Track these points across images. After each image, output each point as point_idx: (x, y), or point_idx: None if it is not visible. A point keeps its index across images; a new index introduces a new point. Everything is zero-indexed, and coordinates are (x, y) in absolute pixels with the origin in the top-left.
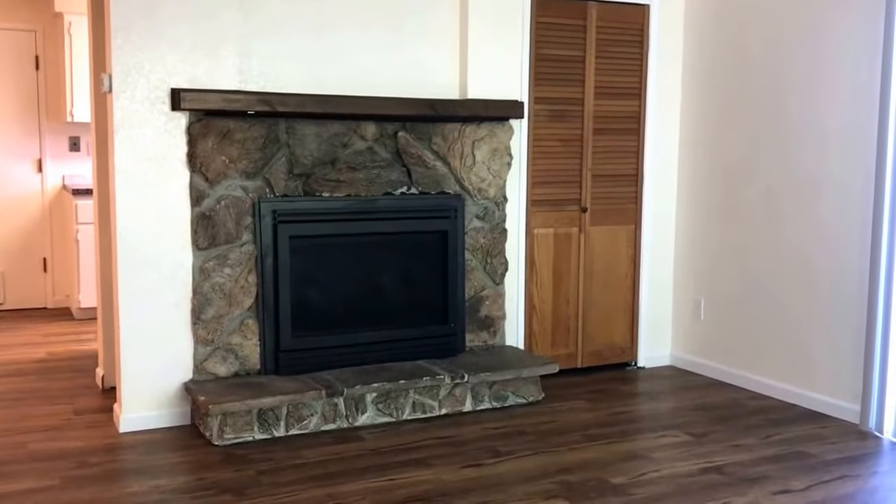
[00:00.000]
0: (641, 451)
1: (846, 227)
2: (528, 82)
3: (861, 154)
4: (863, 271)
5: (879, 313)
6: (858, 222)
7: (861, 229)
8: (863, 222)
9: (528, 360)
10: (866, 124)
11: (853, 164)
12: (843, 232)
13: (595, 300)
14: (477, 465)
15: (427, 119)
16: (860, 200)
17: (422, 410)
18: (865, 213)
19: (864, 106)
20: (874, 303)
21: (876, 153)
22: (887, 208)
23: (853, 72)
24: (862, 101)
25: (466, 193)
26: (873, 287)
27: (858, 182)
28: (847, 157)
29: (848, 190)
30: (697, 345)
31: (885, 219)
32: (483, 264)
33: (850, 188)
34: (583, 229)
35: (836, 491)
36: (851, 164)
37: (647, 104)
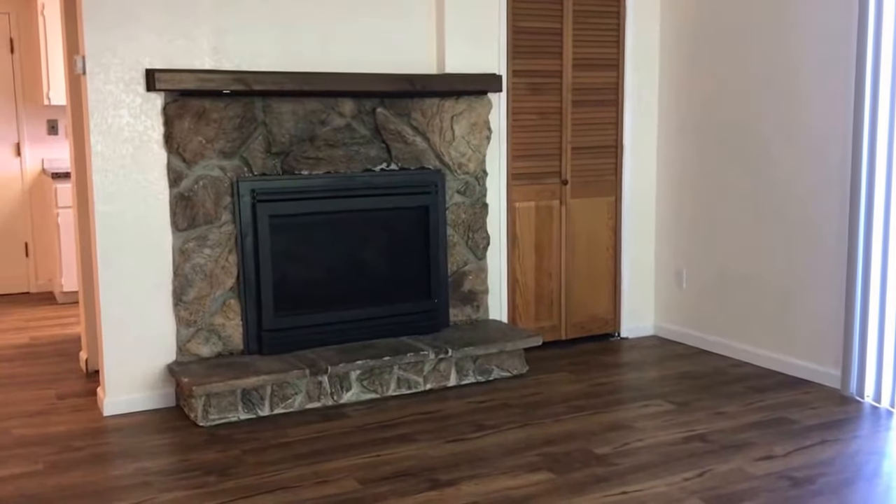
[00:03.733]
0: (625, 420)
1: (825, 196)
2: (506, 55)
3: (839, 118)
4: (842, 238)
5: (858, 279)
6: (837, 190)
7: (840, 197)
8: (841, 189)
9: (512, 333)
10: (844, 85)
11: (831, 129)
12: (822, 200)
13: (577, 272)
14: (461, 439)
15: (405, 94)
16: (839, 167)
17: (406, 386)
18: (844, 180)
19: (841, 67)
20: (853, 269)
21: (853, 116)
22: (864, 176)
23: (829, 35)
24: (838, 65)
25: (447, 168)
26: (852, 253)
27: (836, 148)
28: (825, 122)
29: (826, 156)
30: (680, 314)
31: (862, 185)
32: (465, 239)
33: (829, 154)
34: (564, 202)
35: (818, 456)
36: (830, 130)
37: (625, 75)
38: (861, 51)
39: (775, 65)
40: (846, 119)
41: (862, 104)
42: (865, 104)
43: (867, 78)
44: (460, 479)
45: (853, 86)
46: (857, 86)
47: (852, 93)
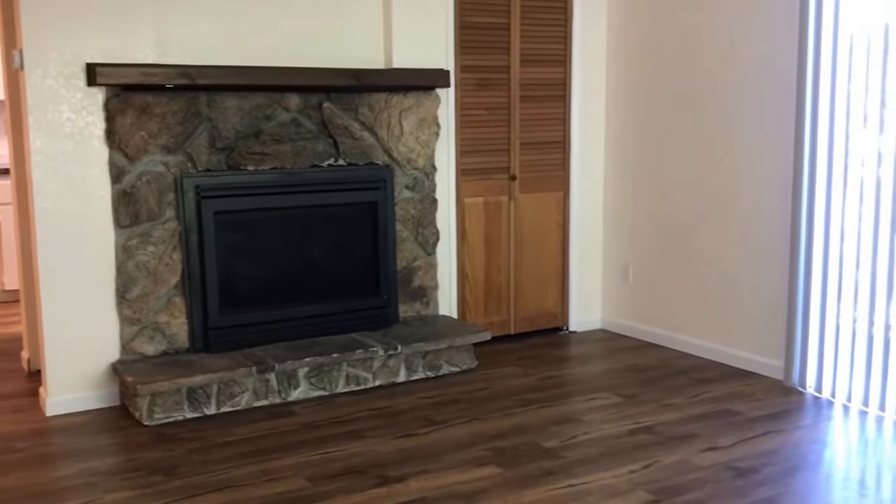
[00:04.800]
0: (573, 414)
1: (768, 190)
2: (454, 51)
3: (782, 117)
4: (784, 233)
5: (800, 273)
6: (780, 185)
7: (782, 192)
8: (784, 185)
9: (461, 328)
10: (787, 84)
11: (775, 127)
12: (765, 195)
13: (526, 267)
14: (411, 435)
15: (352, 89)
16: (782, 164)
17: (355, 383)
18: (786, 176)
19: (784, 67)
20: (795, 263)
21: (795, 115)
22: (806, 172)
23: (773, 33)
24: (782, 64)
25: (395, 164)
26: (794, 248)
27: (780, 145)
28: (769, 120)
29: (770, 153)
30: (627, 308)
31: (804, 181)
32: (414, 235)
33: (772, 152)
34: (512, 197)
35: (762, 446)
36: (773, 128)
37: (572, 71)
38: (802, 51)
39: (721, 62)
40: (789, 118)
41: (803, 103)
42: (807, 103)
43: (808, 77)
44: (409, 475)
45: (795, 85)
46: (799, 85)
47: (794, 91)
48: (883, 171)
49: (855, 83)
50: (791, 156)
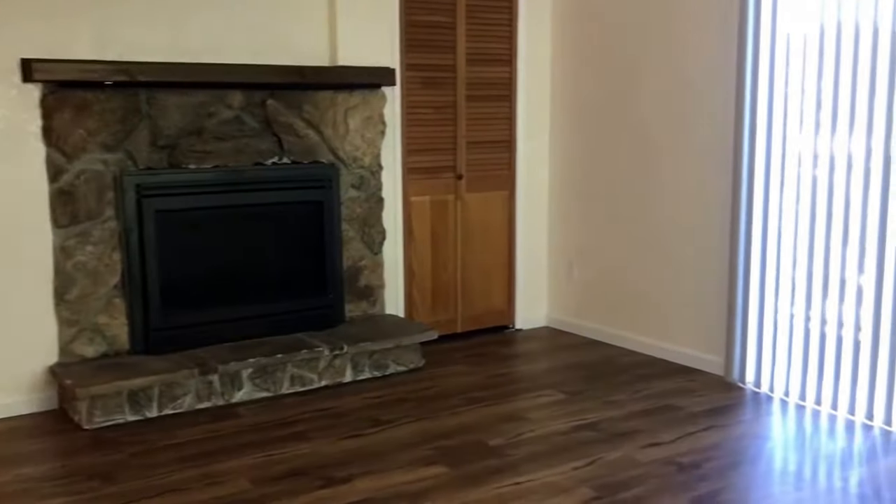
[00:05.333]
0: (519, 411)
1: (709, 190)
2: (400, 49)
3: (722, 115)
4: (724, 232)
5: (740, 269)
6: (720, 185)
7: (722, 192)
8: (724, 184)
9: (408, 327)
10: (726, 85)
11: (715, 124)
12: (705, 194)
13: (473, 266)
14: (356, 435)
15: (296, 87)
16: (721, 164)
17: (301, 384)
18: (726, 176)
19: (725, 69)
20: (735, 259)
21: (734, 117)
22: (745, 174)
23: (714, 35)
24: (723, 66)
25: (341, 162)
26: (734, 244)
27: (719, 146)
28: (709, 120)
29: (710, 154)
30: (571, 305)
31: (742, 182)
32: (360, 234)
33: (712, 152)
34: (459, 196)
35: (703, 441)
36: (713, 125)
37: (518, 70)
38: (741, 54)
39: (662, 63)
40: (728, 119)
41: (742, 105)
42: (746, 105)
43: (747, 80)
44: (354, 476)
45: (734, 87)
46: (738, 87)
47: (733, 94)
48: (819, 171)
49: (792, 86)
50: (731, 156)
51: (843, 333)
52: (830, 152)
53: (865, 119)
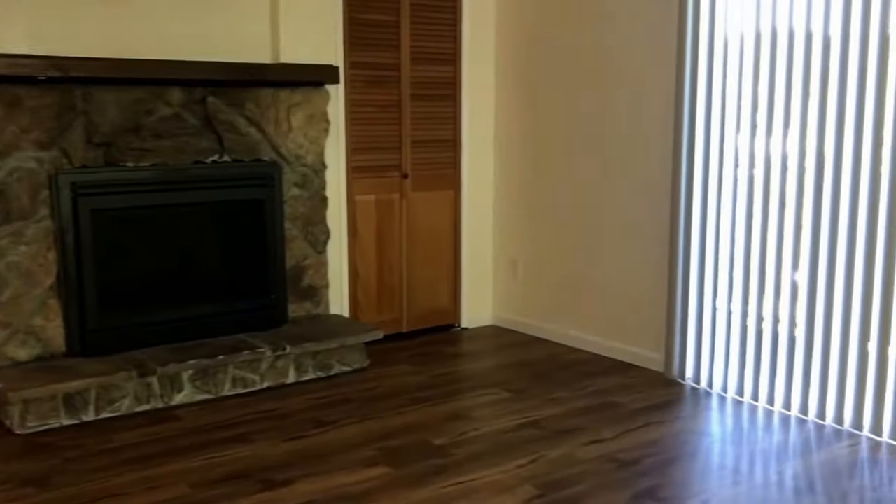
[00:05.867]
0: (463, 410)
1: (649, 189)
2: (343, 47)
3: (661, 116)
4: (663, 231)
5: (679, 267)
6: (660, 182)
7: (662, 191)
8: (663, 184)
9: (353, 327)
10: (667, 88)
11: (654, 125)
12: (647, 195)
13: (418, 265)
14: (299, 437)
15: (237, 84)
16: (661, 167)
17: (242, 385)
18: (665, 175)
19: (663, 69)
20: (675, 258)
21: (673, 115)
22: (683, 176)
23: (657, 30)
24: (661, 64)
25: (283, 161)
26: (674, 243)
27: (659, 144)
28: (649, 119)
29: (650, 156)
30: (516, 304)
31: (682, 185)
32: (304, 233)
33: (652, 155)
34: (404, 195)
35: (643, 437)
36: (652, 125)
37: (462, 70)
38: (680, 57)
39: (603, 67)
40: (668, 120)
41: (682, 107)
42: (685, 107)
43: (686, 83)
44: (296, 478)
45: (674, 88)
46: (678, 90)
47: (673, 94)
48: (755, 171)
49: (730, 88)
50: (670, 156)
51: (779, 330)
52: (766, 152)
53: (799, 120)
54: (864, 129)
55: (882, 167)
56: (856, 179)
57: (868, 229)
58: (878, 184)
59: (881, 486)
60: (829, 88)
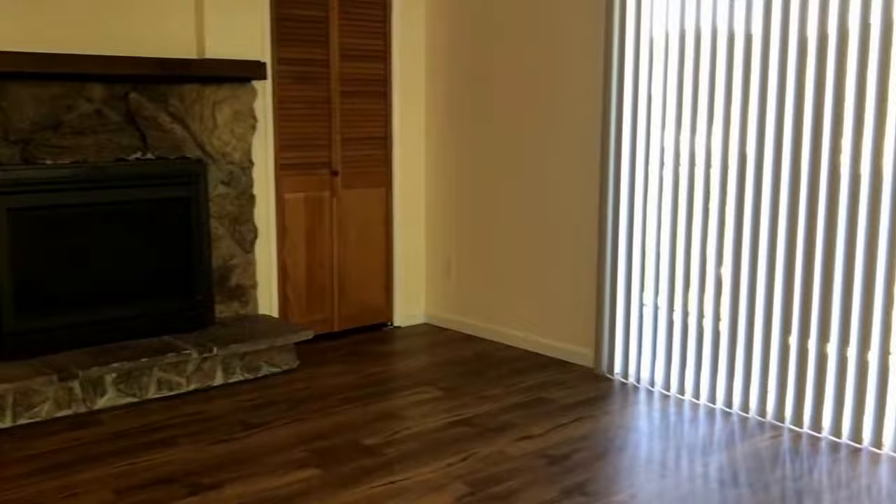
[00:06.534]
0: (394, 409)
1: (577, 187)
2: (271, 42)
3: (590, 114)
4: (592, 225)
5: (607, 264)
6: (589, 179)
7: (591, 185)
8: (591, 182)
9: (282, 328)
10: (594, 85)
11: (583, 122)
12: (576, 194)
13: (350, 263)
14: (227, 439)
15: (161, 79)
16: (589, 159)
17: (168, 388)
18: (594, 170)
19: (592, 64)
20: (603, 254)
21: (601, 112)
22: (611, 176)
23: (584, 28)
24: (591, 58)
25: (209, 158)
26: (602, 240)
27: (587, 142)
28: (578, 117)
29: (579, 155)
30: (449, 301)
31: (609, 176)
32: (231, 232)
33: (581, 153)
34: (335, 193)
35: (573, 433)
36: (581, 123)
37: (392, 67)
38: (607, 56)
39: (533, 63)
40: (595, 117)
41: (609, 104)
42: (612, 105)
43: (613, 81)
44: (224, 482)
45: (601, 87)
46: (605, 88)
47: (600, 93)
48: (681, 168)
49: (655, 86)
50: (598, 154)
51: (704, 324)
52: (691, 149)
53: (722, 118)
54: (784, 127)
55: (802, 163)
56: (776, 176)
57: (788, 225)
58: (798, 180)
59: (801, 477)
60: (751, 86)
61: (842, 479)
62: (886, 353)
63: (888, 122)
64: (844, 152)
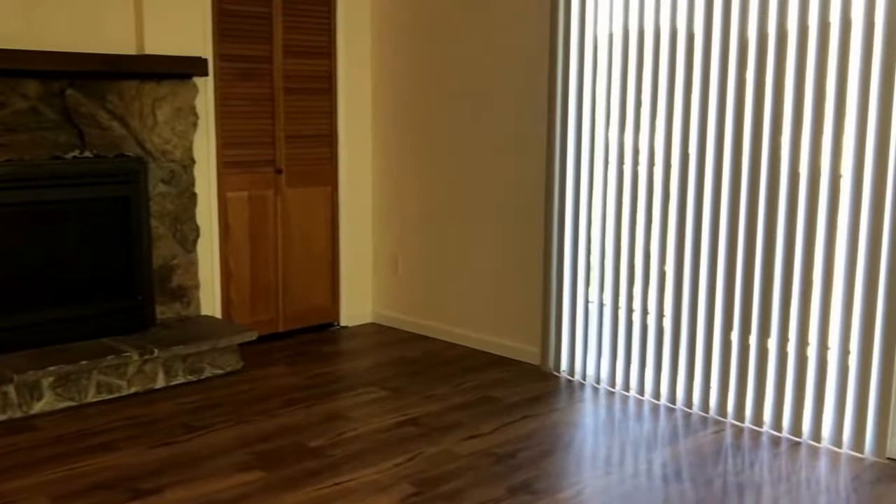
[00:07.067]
0: (340, 410)
1: (524, 186)
2: (213, 39)
3: (535, 113)
4: (538, 223)
5: (553, 261)
6: (534, 178)
7: (537, 184)
8: (538, 177)
9: (225, 329)
10: (540, 85)
11: (530, 122)
12: (522, 194)
13: (295, 263)
14: (168, 443)
15: (99, 76)
16: (536, 158)
17: (108, 391)
18: (539, 169)
19: (539, 62)
20: (549, 252)
21: (546, 111)
22: (556, 176)
23: (530, 28)
24: (537, 57)
25: (149, 156)
26: (548, 238)
27: (534, 140)
28: (524, 116)
29: (526, 155)
30: (396, 300)
31: (555, 175)
32: (172, 231)
33: (528, 146)
34: (279, 191)
35: (520, 431)
36: (528, 123)
37: (337, 64)
38: (553, 55)
39: (479, 61)
40: (541, 115)
41: (554, 103)
42: (557, 103)
43: (558, 81)
44: (165, 486)
45: (546, 86)
46: (550, 85)
47: (545, 92)
48: (626, 167)
49: (599, 84)
50: (544, 152)
51: (648, 321)
52: (635, 148)
53: (665, 117)
54: (725, 125)
55: (742, 162)
56: (718, 173)
57: (729, 222)
58: (739, 178)
59: (743, 471)
60: (694, 85)
61: (782, 473)
62: (824, 348)
63: (825, 121)
64: (784, 150)
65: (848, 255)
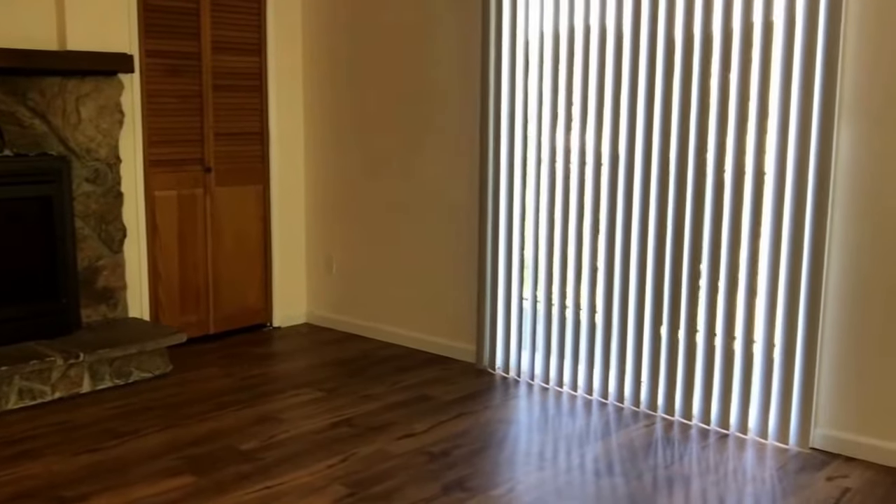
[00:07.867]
0: (273, 412)
1: (459, 185)
2: (138, 34)
3: (468, 114)
4: (472, 222)
5: (487, 259)
6: (468, 177)
7: (471, 183)
8: (471, 176)
9: (153, 331)
10: (472, 86)
11: (464, 121)
12: (457, 193)
13: (225, 263)
14: (94, 449)
15: (19, 72)
16: (468, 159)
17: (31, 397)
18: (473, 169)
19: (470, 63)
20: (483, 250)
21: (479, 113)
22: (490, 176)
23: (463, 28)
24: (469, 58)
25: (73, 154)
26: (482, 236)
27: (466, 141)
28: (458, 114)
29: (459, 154)
30: (331, 300)
31: (489, 172)
32: (97, 232)
33: (461, 153)
34: (208, 190)
35: (455, 428)
36: (462, 122)
37: (268, 61)
38: (484, 56)
39: (415, 59)
40: (474, 116)
41: (487, 104)
42: (490, 104)
43: (490, 81)
44: (90, 494)
45: (479, 86)
46: (483, 85)
47: (478, 92)
48: (557, 165)
49: (531, 85)
50: (477, 153)
51: (580, 317)
52: (566, 147)
53: (595, 116)
54: (653, 124)
55: (670, 160)
56: (646, 172)
57: (658, 220)
58: (667, 176)
59: (672, 464)
60: (622, 85)
61: (710, 465)
62: (750, 342)
63: (749, 121)
64: (710, 149)
65: (771, 251)
